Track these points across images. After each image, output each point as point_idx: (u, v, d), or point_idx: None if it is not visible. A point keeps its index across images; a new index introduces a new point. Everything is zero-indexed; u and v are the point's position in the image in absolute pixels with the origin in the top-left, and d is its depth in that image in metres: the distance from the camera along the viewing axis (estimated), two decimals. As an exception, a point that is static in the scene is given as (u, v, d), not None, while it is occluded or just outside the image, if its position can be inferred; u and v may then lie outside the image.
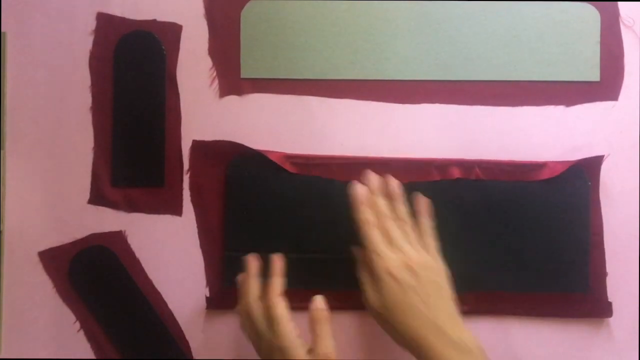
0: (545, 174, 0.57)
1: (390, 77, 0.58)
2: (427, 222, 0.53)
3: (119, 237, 0.58)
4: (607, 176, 0.58)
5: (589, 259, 0.57)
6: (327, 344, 0.50)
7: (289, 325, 0.50)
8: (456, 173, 0.57)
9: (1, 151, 0.58)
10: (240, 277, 0.54)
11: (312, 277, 0.57)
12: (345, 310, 0.58)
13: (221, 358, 0.58)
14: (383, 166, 0.57)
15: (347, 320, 0.58)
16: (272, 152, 0.58)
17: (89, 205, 0.59)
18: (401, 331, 0.48)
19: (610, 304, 0.57)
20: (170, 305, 0.59)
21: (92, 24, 0.59)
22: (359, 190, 0.52)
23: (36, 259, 0.58)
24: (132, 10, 0.59)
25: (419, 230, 0.53)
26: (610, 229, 0.57)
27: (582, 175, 0.57)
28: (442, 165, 0.57)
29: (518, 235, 0.57)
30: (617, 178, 0.58)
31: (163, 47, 0.58)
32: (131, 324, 0.58)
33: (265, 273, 0.53)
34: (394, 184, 0.54)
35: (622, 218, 0.57)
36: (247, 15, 0.58)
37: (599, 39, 0.58)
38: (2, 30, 0.58)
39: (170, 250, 0.59)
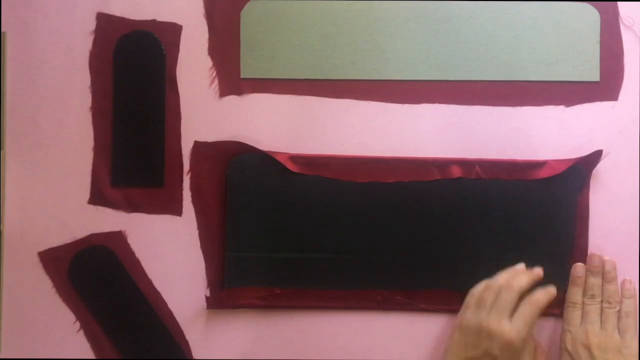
0: (545, 173, 0.57)
1: (390, 77, 0.58)
2: (632, 305, 0.55)
3: (119, 237, 0.58)
4: (607, 176, 0.58)
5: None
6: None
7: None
8: (457, 172, 0.57)
9: (1, 151, 0.58)
10: None
11: (313, 277, 0.57)
12: (346, 310, 0.58)
13: (221, 358, 0.58)
14: (383, 166, 0.57)
15: (348, 320, 0.58)
16: (277, 152, 0.58)
17: (89, 205, 0.59)
18: None
19: None
20: (170, 305, 0.58)
21: (92, 24, 0.59)
22: (577, 270, 0.56)
23: (36, 259, 0.58)
24: (131, 10, 0.59)
25: (622, 313, 0.55)
26: (611, 229, 0.58)
27: (583, 174, 0.57)
28: (443, 165, 0.57)
29: (519, 233, 0.57)
30: (617, 178, 0.58)
31: (163, 47, 0.58)
32: (131, 324, 0.58)
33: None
34: (610, 265, 0.56)
35: (622, 218, 0.58)
36: (247, 15, 0.58)
37: (599, 39, 0.58)
38: (2, 30, 0.58)
39: (170, 250, 0.58)
